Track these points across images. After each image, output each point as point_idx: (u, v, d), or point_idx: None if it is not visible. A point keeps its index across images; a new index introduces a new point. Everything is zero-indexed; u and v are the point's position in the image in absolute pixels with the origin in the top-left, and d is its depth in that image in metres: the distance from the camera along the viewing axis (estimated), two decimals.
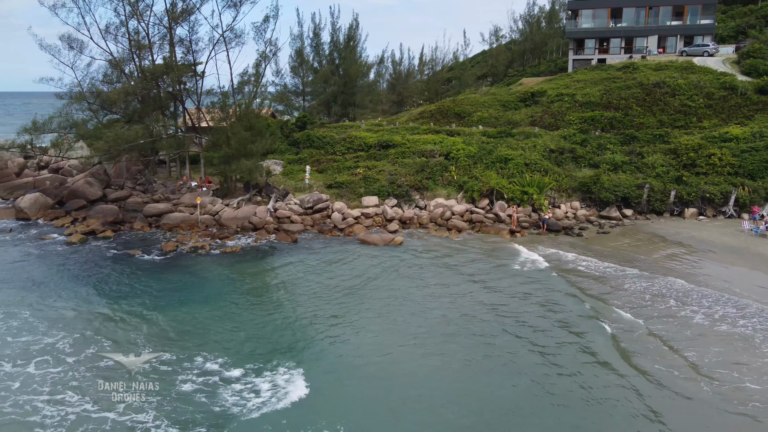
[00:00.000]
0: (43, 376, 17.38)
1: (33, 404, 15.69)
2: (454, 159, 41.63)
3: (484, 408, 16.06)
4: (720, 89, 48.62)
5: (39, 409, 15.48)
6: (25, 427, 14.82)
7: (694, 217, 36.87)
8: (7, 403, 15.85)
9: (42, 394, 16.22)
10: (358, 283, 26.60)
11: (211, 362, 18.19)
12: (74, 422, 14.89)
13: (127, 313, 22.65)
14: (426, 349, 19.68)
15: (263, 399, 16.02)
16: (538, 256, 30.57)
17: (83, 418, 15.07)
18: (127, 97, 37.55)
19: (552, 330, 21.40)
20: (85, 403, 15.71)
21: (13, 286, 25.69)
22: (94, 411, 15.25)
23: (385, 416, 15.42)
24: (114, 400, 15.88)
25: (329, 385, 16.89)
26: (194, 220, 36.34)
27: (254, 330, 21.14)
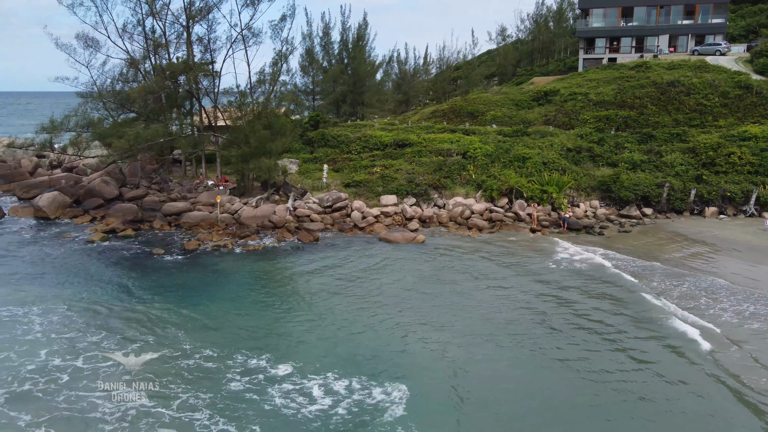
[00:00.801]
0: (93, 371, 17.40)
1: (89, 400, 15.70)
2: (472, 158, 41.56)
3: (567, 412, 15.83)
4: (735, 88, 48.59)
5: (97, 405, 15.51)
6: (86, 422, 14.85)
7: (715, 216, 36.82)
8: (61, 398, 15.88)
9: (95, 390, 16.17)
10: (395, 281, 26.36)
11: (255, 361, 18.09)
12: (135, 417, 14.90)
13: (163, 310, 22.57)
14: (499, 352, 19.27)
15: (313, 399, 15.90)
16: (571, 252, 30.70)
17: (142, 413, 15.08)
18: (148, 95, 37.38)
19: (624, 328, 21.27)
20: (141, 399, 15.72)
21: (44, 283, 25.65)
22: (152, 406, 15.24)
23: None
24: (168, 396, 15.89)
25: (392, 389, 16.56)
26: (214, 219, 36.25)
27: (295, 329, 20.97)
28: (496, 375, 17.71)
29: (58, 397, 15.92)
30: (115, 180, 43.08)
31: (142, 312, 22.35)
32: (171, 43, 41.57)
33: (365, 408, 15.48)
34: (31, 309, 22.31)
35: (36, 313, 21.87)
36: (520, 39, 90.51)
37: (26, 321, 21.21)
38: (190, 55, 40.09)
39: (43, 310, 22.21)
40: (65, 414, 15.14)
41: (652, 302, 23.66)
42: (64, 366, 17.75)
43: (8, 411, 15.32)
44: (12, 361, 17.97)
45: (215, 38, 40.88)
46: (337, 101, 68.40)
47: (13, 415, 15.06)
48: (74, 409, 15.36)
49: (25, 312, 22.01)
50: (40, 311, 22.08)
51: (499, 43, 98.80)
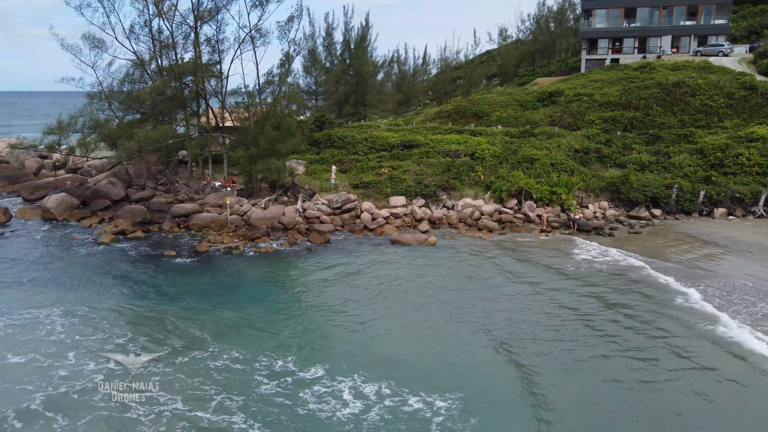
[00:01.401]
0: (124, 373, 17.39)
1: (123, 402, 15.69)
2: (480, 159, 41.54)
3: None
4: (740, 89, 48.71)
5: (131, 407, 15.49)
6: (123, 424, 14.85)
7: (724, 217, 36.92)
8: (97, 397, 15.90)
9: (129, 392, 16.13)
10: (415, 284, 26.30)
11: (281, 363, 18.07)
12: (170, 420, 14.87)
13: (183, 313, 22.53)
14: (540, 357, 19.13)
15: (345, 403, 15.86)
16: (592, 253, 30.92)
17: (177, 416, 15.07)
18: (158, 96, 37.21)
19: (670, 328, 21.37)
20: (175, 402, 15.69)
21: (61, 285, 25.60)
22: (187, 410, 15.18)
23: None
24: (203, 399, 15.86)
25: (427, 395, 16.42)
26: (223, 221, 36.12)
27: (317, 332, 20.96)
28: (547, 382, 17.40)
29: (93, 400, 15.91)
30: (121, 181, 42.89)
31: (163, 314, 22.29)
32: (178, 44, 41.31)
33: (400, 415, 15.39)
34: (51, 311, 22.27)
35: (57, 315, 21.86)
36: (521, 39, 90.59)
37: (48, 323, 21.20)
38: (198, 55, 39.89)
39: (64, 312, 22.18)
40: (103, 415, 15.15)
41: (695, 302, 23.84)
42: (96, 368, 17.71)
43: (47, 414, 15.29)
44: (41, 363, 17.94)
45: (224, 39, 40.46)
46: (340, 102, 68.30)
47: (50, 416, 15.06)
48: (110, 410, 15.37)
49: (46, 314, 21.98)
50: (60, 313, 22.06)
51: (500, 44, 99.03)
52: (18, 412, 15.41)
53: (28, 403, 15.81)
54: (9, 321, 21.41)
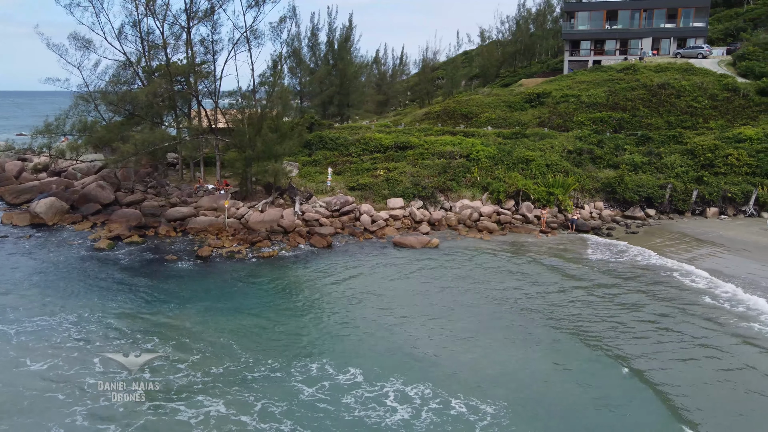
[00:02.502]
0: (164, 381, 17.16)
1: (171, 405, 15.48)
2: (475, 160, 41.69)
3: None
4: (723, 91, 49.88)
5: (179, 411, 15.33)
6: (170, 425, 14.69)
7: (716, 217, 37.73)
8: (144, 407, 15.67)
9: (171, 398, 15.76)
10: (431, 287, 26.20)
11: (315, 368, 17.87)
12: (216, 423, 14.62)
13: (202, 320, 22.15)
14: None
15: (390, 408, 15.71)
16: (601, 251, 31.56)
17: (222, 419, 14.87)
18: (154, 97, 36.41)
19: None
20: (219, 405, 15.50)
21: (67, 292, 24.92)
22: (232, 414, 14.92)
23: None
24: (245, 403, 15.69)
25: (469, 399, 16.33)
26: (221, 224, 35.55)
27: (342, 337, 20.69)
28: (590, 386, 17.36)
29: (139, 406, 15.66)
30: (110, 184, 41.91)
31: (180, 321, 21.87)
32: (169, 45, 40.52)
33: (448, 420, 15.28)
34: (64, 318, 21.84)
35: (70, 322, 21.44)
36: (500, 40, 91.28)
37: (62, 329, 20.81)
38: (192, 56, 39.21)
39: (78, 319, 21.74)
40: (151, 420, 14.86)
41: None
42: (132, 376, 17.47)
43: (94, 427, 14.89)
44: (65, 371, 17.51)
45: (218, 39, 39.80)
46: (324, 103, 67.90)
47: (101, 428, 14.66)
48: (159, 415, 15.15)
49: (58, 321, 21.54)
50: (74, 320, 21.66)
51: (479, 45, 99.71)
52: (64, 427, 14.98)
53: (71, 418, 15.31)
54: (20, 328, 20.88)
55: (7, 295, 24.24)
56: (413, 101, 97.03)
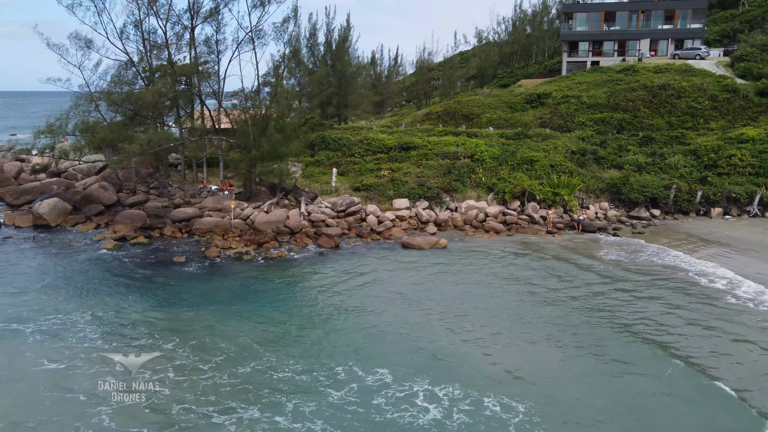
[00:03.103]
0: (189, 380, 17.10)
1: (202, 411, 15.41)
2: (480, 161, 41.68)
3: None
4: (722, 92, 50.18)
5: (210, 416, 15.26)
6: (206, 430, 14.65)
7: (720, 217, 37.92)
8: (178, 408, 15.60)
9: (204, 399, 15.58)
10: (447, 287, 26.08)
11: (339, 369, 17.75)
12: (251, 423, 14.49)
13: (218, 319, 22.09)
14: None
15: (421, 408, 15.63)
16: (616, 251, 31.71)
17: (255, 420, 14.73)
18: (160, 97, 36.13)
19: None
20: (251, 410, 15.36)
21: (78, 292, 24.82)
22: (265, 418, 14.81)
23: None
24: (278, 405, 15.66)
25: (500, 399, 16.27)
26: (227, 225, 35.30)
27: (363, 338, 20.52)
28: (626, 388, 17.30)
29: (167, 408, 15.57)
30: (112, 185, 41.58)
31: (197, 323, 21.73)
32: (172, 44, 40.26)
33: (480, 420, 15.20)
34: (78, 317, 21.87)
35: (84, 322, 21.49)
36: (496, 41, 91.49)
37: (77, 329, 20.82)
38: (195, 56, 38.97)
39: (92, 319, 21.76)
40: (185, 425, 14.63)
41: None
42: (155, 377, 17.35)
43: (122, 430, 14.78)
44: (85, 370, 17.46)
45: (222, 39, 39.62)
46: (323, 103, 67.72)
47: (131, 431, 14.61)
48: (192, 418, 15.08)
49: (72, 321, 21.57)
50: (88, 320, 21.71)
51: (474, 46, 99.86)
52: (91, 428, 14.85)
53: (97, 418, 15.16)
54: (36, 327, 20.82)
55: (21, 296, 23.99)
56: (409, 102, 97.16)
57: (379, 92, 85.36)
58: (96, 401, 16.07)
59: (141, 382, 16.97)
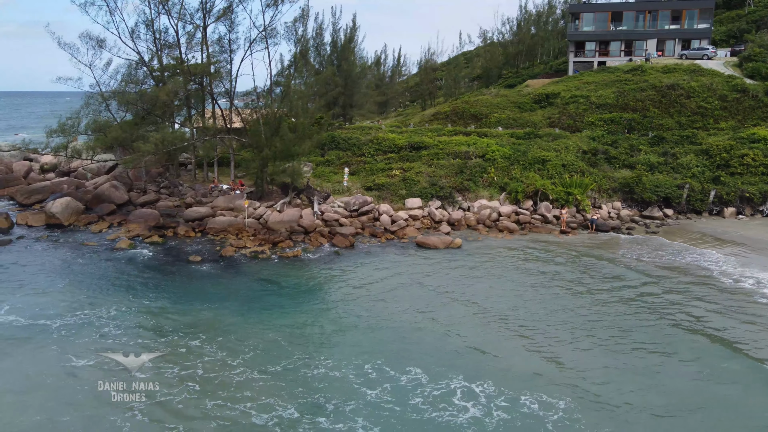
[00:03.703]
0: (220, 375, 17.05)
1: (238, 408, 15.38)
2: (491, 160, 41.64)
3: None
4: (732, 91, 50.14)
5: (248, 413, 15.26)
6: (244, 429, 14.69)
7: (733, 216, 37.91)
8: (212, 404, 15.58)
9: (240, 396, 15.54)
10: (462, 287, 25.93)
11: (371, 368, 17.71)
12: (291, 422, 14.54)
13: (241, 318, 22.05)
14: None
15: (460, 407, 15.59)
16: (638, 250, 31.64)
17: (295, 420, 14.75)
18: (176, 96, 36.05)
19: None
20: (289, 408, 15.35)
21: (99, 290, 24.81)
22: (306, 419, 14.77)
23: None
24: (316, 405, 15.66)
25: (539, 398, 16.18)
26: (241, 224, 35.22)
27: (392, 337, 20.46)
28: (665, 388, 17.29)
29: (201, 403, 15.60)
30: (123, 184, 41.48)
31: (220, 319, 21.81)
32: (183, 44, 40.19)
33: (519, 417, 15.16)
34: (104, 314, 22.01)
35: (108, 317, 21.61)
36: (500, 41, 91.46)
37: (102, 324, 20.95)
38: (208, 55, 38.88)
39: (116, 317, 21.77)
40: (223, 422, 14.56)
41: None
42: (184, 373, 17.35)
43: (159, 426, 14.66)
44: (112, 366, 17.50)
45: (235, 38, 39.56)
46: (329, 103, 67.65)
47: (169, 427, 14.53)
48: (229, 415, 14.97)
49: (97, 316, 21.61)
50: (113, 315, 21.76)
51: (477, 46, 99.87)
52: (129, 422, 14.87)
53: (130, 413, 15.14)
54: (62, 323, 20.96)
55: (44, 295, 23.97)
56: (413, 102, 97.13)
57: (383, 92, 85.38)
58: (127, 395, 16.04)
59: (171, 377, 16.92)
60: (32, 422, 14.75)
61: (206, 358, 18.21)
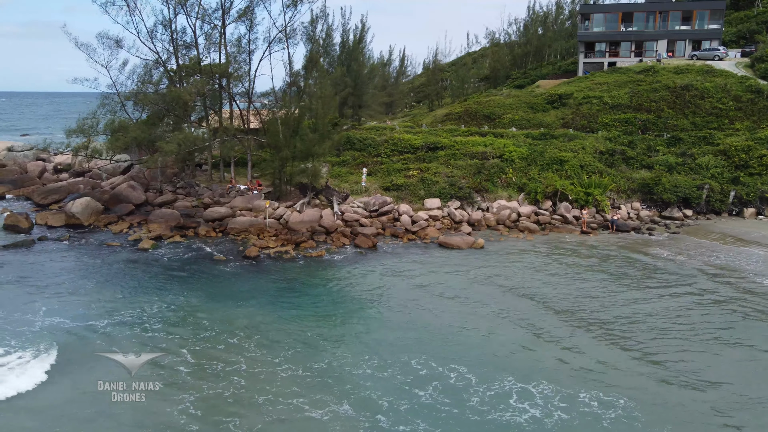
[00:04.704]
0: (264, 371, 17.21)
1: (290, 402, 15.56)
2: (509, 161, 41.61)
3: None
4: (746, 92, 50.12)
5: (301, 408, 15.36)
6: (301, 422, 14.74)
7: (753, 217, 37.93)
8: (262, 398, 15.74)
9: (288, 392, 15.59)
10: (492, 288, 25.82)
11: (419, 366, 17.65)
12: (346, 421, 14.48)
13: (277, 316, 22.17)
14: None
15: (520, 408, 15.58)
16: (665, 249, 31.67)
17: (351, 419, 14.77)
18: (199, 96, 36.00)
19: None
20: (343, 405, 15.42)
21: (135, 290, 24.92)
22: (362, 415, 14.84)
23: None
24: (369, 405, 15.72)
25: (600, 398, 16.13)
26: (262, 225, 35.15)
27: (435, 336, 20.47)
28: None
29: (253, 398, 15.75)
30: (140, 185, 41.41)
31: (255, 318, 21.96)
32: (201, 44, 40.17)
33: (574, 414, 15.12)
34: (145, 312, 22.17)
35: (149, 315, 21.65)
36: (509, 42, 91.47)
37: (144, 322, 20.91)
38: (226, 56, 38.83)
39: (156, 315, 21.84)
40: (278, 416, 14.68)
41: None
42: (228, 369, 17.43)
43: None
44: (161, 361, 17.20)
45: (254, 39, 39.53)
46: (340, 104, 67.56)
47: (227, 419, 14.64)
48: (282, 409, 15.05)
49: (140, 314, 21.79)
50: (154, 313, 21.94)
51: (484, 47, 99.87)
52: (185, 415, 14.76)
53: (184, 405, 15.03)
54: (110, 321, 21.17)
55: (78, 296, 24.03)
56: (419, 102, 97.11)
57: (389, 93, 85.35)
58: (177, 389, 16.09)
59: (215, 373, 17.05)
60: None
61: (248, 354, 18.31)
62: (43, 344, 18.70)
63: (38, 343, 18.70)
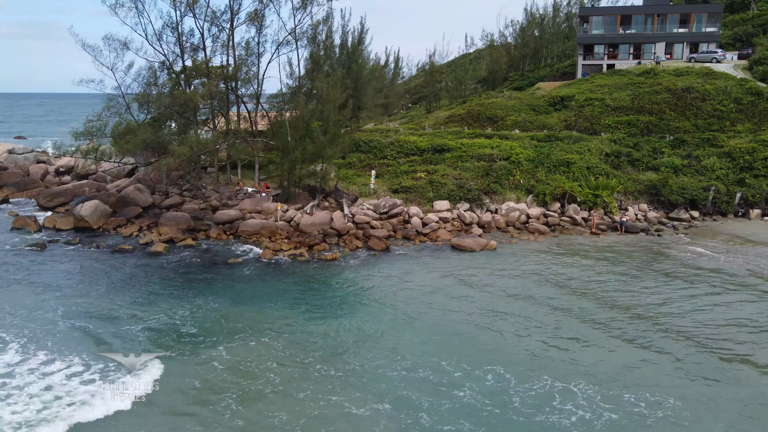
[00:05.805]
0: (298, 371, 17.35)
1: (328, 400, 15.75)
2: (516, 163, 41.79)
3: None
4: (746, 95, 50.68)
5: (340, 405, 15.57)
6: (343, 417, 14.87)
7: (759, 218, 38.36)
8: (301, 395, 15.92)
9: (326, 392, 15.67)
10: (512, 290, 25.80)
11: (455, 368, 17.71)
12: (389, 419, 14.53)
13: (302, 318, 22.21)
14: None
15: (565, 411, 15.62)
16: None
17: (394, 417, 14.83)
18: (210, 99, 35.87)
19: None
20: (384, 403, 15.48)
21: (157, 296, 24.59)
22: (403, 414, 14.82)
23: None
24: (409, 404, 15.81)
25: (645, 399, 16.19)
26: (273, 227, 35.07)
27: (462, 338, 20.46)
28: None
29: (291, 395, 15.91)
30: (146, 187, 41.17)
31: (276, 319, 22.05)
32: (207, 46, 40.01)
33: (622, 415, 15.18)
34: (175, 314, 22.05)
35: (180, 318, 21.67)
36: (504, 44, 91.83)
37: (178, 323, 21.05)
38: (234, 58, 38.73)
39: (185, 317, 21.69)
40: (318, 414, 14.74)
41: None
42: (261, 367, 17.52)
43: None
44: (198, 361, 17.16)
45: (263, 41, 39.45)
46: (339, 106, 67.51)
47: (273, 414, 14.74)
48: (321, 406, 15.17)
49: (172, 316, 21.90)
50: (186, 315, 21.85)
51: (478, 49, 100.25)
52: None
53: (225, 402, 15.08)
54: (143, 326, 21.13)
55: (99, 300, 23.86)
56: (415, 104, 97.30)
57: (385, 94, 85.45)
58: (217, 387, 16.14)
59: (250, 371, 17.25)
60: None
61: (279, 354, 18.47)
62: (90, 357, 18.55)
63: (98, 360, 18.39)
